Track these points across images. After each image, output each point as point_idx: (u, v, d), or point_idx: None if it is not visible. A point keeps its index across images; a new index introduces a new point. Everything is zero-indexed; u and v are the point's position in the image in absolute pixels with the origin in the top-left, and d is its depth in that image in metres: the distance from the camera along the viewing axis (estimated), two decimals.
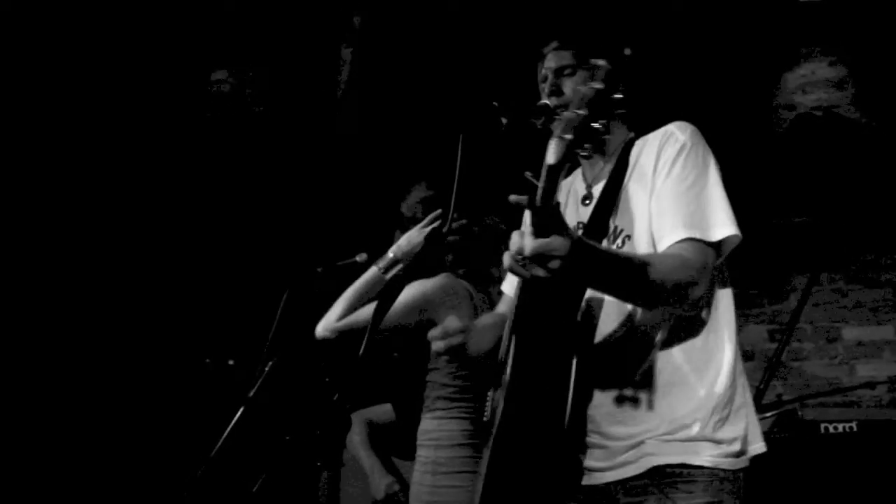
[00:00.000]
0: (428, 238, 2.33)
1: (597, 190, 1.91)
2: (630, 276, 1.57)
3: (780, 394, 4.44)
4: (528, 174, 1.45)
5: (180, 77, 4.76)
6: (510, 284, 2.16)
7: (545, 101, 1.90)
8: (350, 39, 4.71)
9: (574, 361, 1.67)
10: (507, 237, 2.06)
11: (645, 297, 1.67)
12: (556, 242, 1.39)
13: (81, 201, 4.55)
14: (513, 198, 1.44)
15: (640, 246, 1.77)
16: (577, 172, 2.04)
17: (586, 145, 1.38)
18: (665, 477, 1.69)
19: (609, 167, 1.90)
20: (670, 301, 1.68)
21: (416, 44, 4.61)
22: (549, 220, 1.39)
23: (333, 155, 4.90)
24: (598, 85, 1.37)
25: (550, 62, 1.93)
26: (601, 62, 1.39)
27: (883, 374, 4.43)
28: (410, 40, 4.62)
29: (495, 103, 1.81)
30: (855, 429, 3.09)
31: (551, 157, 1.37)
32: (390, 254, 2.66)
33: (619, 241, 1.81)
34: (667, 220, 1.72)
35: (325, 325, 2.62)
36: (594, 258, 1.51)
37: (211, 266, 4.79)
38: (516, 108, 1.86)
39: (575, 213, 1.96)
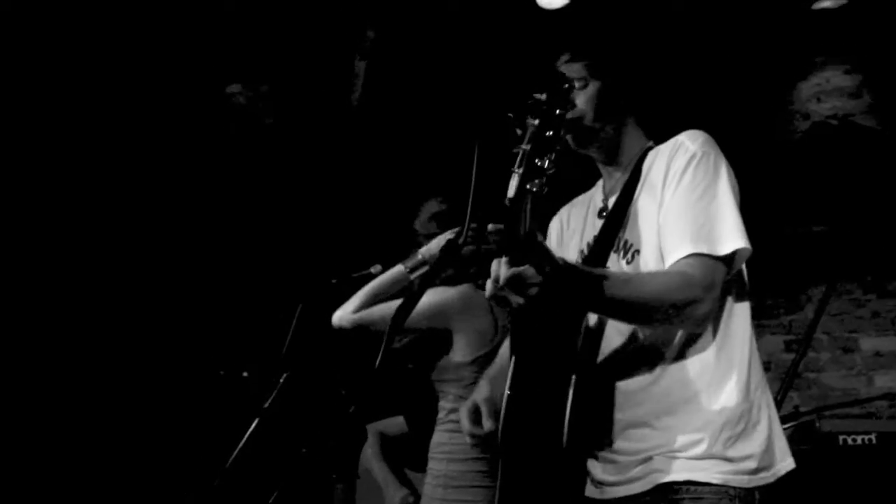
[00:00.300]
0: (444, 249, 2.34)
1: (612, 202, 1.90)
2: (622, 298, 1.56)
3: (798, 405, 4.40)
4: (507, 201, 1.45)
5: (195, 90, 4.79)
6: None
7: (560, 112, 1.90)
8: (364, 52, 4.73)
9: (573, 380, 1.65)
10: None
11: (642, 319, 1.67)
12: (528, 272, 1.40)
13: (96, 213, 4.58)
14: (491, 227, 1.45)
15: (650, 261, 1.75)
16: (599, 183, 2.03)
17: (536, 181, 1.37)
18: (672, 493, 1.67)
19: (624, 179, 1.89)
20: (672, 321, 1.66)
21: (430, 56, 4.62)
22: (523, 249, 1.40)
23: (348, 167, 4.91)
24: (534, 121, 1.34)
25: None
26: (542, 97, 1.37)
27: None
28: (424, 53, 4.63)
29: (511, 114, 1.82)
30: (874, 441, 3.04)
31: (510, 191, 1.38)
32: (419, 255, 2.65)
33: (628, 255, 1.79)
34: (674, 235, 1.69)
35: (342, 315, 2.62)
36: (578, 283, 1.51)
37: (226, 278, 4.80)
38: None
39: (592, 226, 1.94)
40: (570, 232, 2.05)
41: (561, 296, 1.47)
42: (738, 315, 1.79)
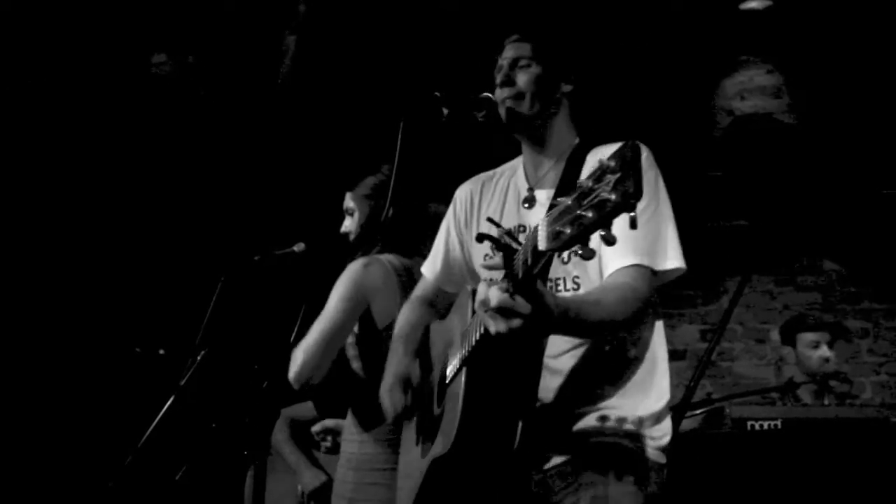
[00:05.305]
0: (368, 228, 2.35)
1: (541, 194, 1.89)
2: (592, 323, 1.63)
3: (710, 392, 4.55)
4: (504, 232, 1.42)
5: (119, 59, 4.64)
6: (431, 266, 2.15)
7: (487, 93, 1.90)
8: (294, 27, 4.65)
9: (525, 375, 1.70)
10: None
11: (605, 334, 1.78)
12: (521, 304, 1.41)
13: (12, 185, 4.42)
14: (486, 265, 1.49)
15: (588, 262, 1.76)
16: (518, 167, 2.00)
17: (580, 250, 1.25)
18: (602, 459, 1.75)
19: (555, 173, 1.88)
20: (621, 331, 1.79)
21: (361, 32, 4.57)
22: (524, 290, 1.40)
23: (273, 142, 4.84)
24: (608, 192, 1.15)
25: (508, 52, 1.92)
26: (611, 163, 1.16)
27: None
28: (355, 29, 4.58)
29: (437, 93, 1.81)
30: (779, 426, 3.20)
31: (542, 243, 1.27)
32: None
33: (564, 254, 1.80)
34: (618, 245, 1.73)
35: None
36: (560, 322, 1.53)
37: (144, 253, 4.69)
38: (458, 99, 1.85)
39: (515, 213, 1.93)
40: (480, 210, 2.03)
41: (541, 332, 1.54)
42: (657, 310, 1.89)
